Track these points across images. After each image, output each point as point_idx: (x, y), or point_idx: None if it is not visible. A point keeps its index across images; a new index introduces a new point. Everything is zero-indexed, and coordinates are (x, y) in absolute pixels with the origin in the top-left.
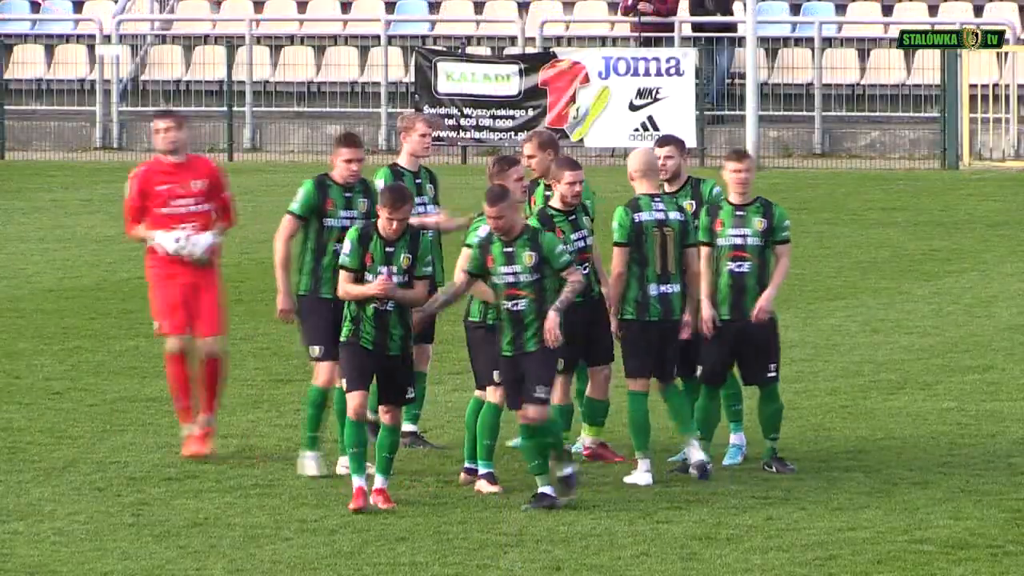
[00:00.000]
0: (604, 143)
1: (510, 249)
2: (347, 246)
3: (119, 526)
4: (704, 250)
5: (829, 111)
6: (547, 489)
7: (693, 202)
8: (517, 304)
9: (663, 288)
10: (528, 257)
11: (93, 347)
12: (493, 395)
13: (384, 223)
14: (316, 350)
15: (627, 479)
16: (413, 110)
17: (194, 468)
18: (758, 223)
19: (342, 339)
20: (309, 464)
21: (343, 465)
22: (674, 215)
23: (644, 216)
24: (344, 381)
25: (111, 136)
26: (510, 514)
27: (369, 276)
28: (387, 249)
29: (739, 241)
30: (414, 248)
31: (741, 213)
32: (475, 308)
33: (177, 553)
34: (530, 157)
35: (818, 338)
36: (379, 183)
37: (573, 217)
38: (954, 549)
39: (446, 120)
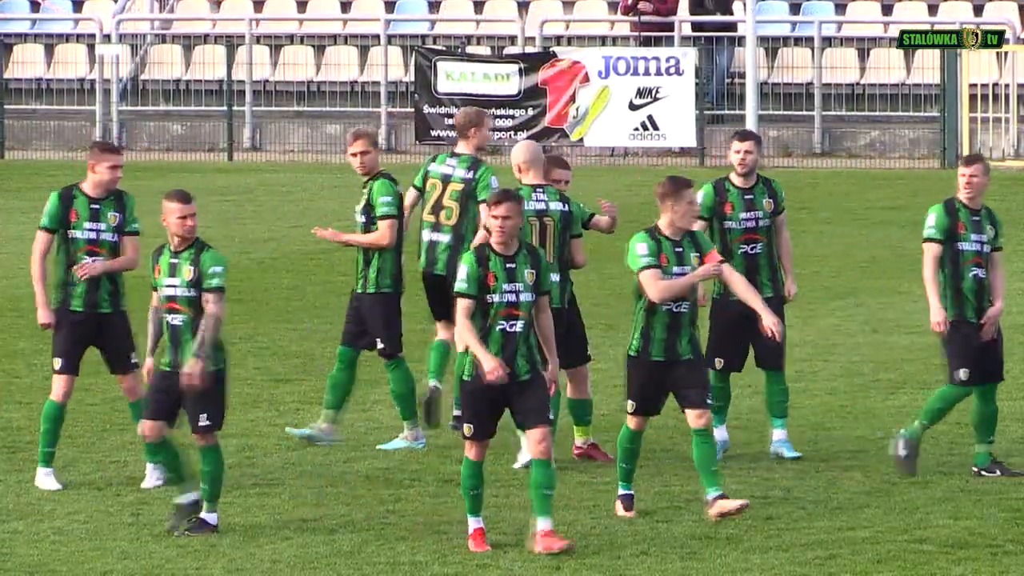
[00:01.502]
0: (604, 142)
1: (175, 261)
2: (462, 271)
3: (118, 525)
4: (934, 250)
5: (829, 111)
6: (210, 517)
7: (772, 200)
8: (175, 319)
9: None
10: (188, 271)
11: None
12: (629, 421)
13: (493, 226)
14: (57, 362)
15: (520, 460)
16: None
17: (193, 468)
18: (990, 229)
19: (465, 377)
20: (46, 480)
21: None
22: (555, 205)
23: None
24: (467, 427)
25: (111, 136)
26: (510, 514)
27: (494, 297)
28: (508, 266)
29: (977, 247)
30: (535, 262)
31: (976, 218)
32: (635, 341)
33: (176, 552)
34: (364, 154)
35: (818, 338)
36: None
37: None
38: (954, 548)
39: (445, 120)
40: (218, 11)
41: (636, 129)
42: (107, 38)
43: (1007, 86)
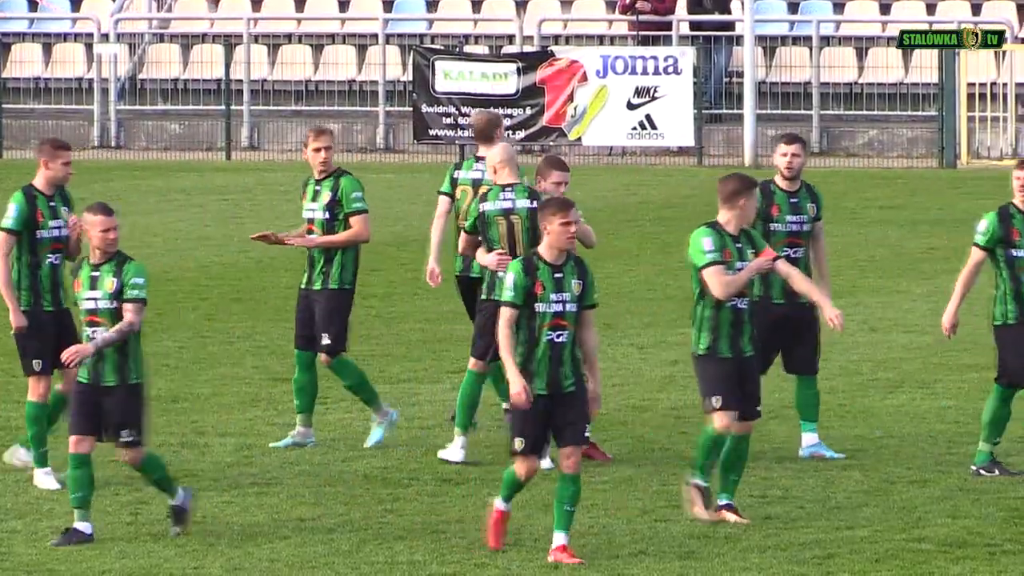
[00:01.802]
0: (602, 141)
1: (96, 274)
2: (509, 279)
3: (117, 524)
4: (977, 257)
5: (827, 110)
6: (82, 526)
7: (814, 205)
8: (96, 332)
9: None
10: (110, 283)
11: None
12: (716, 420)
13: (560, 233)
14: (38, 364)
15: (441, 453)
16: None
17: (192, 467)
18: None
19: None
20: (44, 479)
21: (17, 458)
22: (522, 203)
23: (488, 206)
24: (519, 441)
25: (109, 135)
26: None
27: (541, 306)
28: (556, 275)
29: None
30: (582, 273)
31: None
32: (704, 339)
33: (175, 552)
34: (328, 150)
35: None
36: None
37: None
38: (952, 548)
39: (443, 119)
40: (216, 10)
41: (634, 128)
42: (105, 37)
43: (1005, 85)
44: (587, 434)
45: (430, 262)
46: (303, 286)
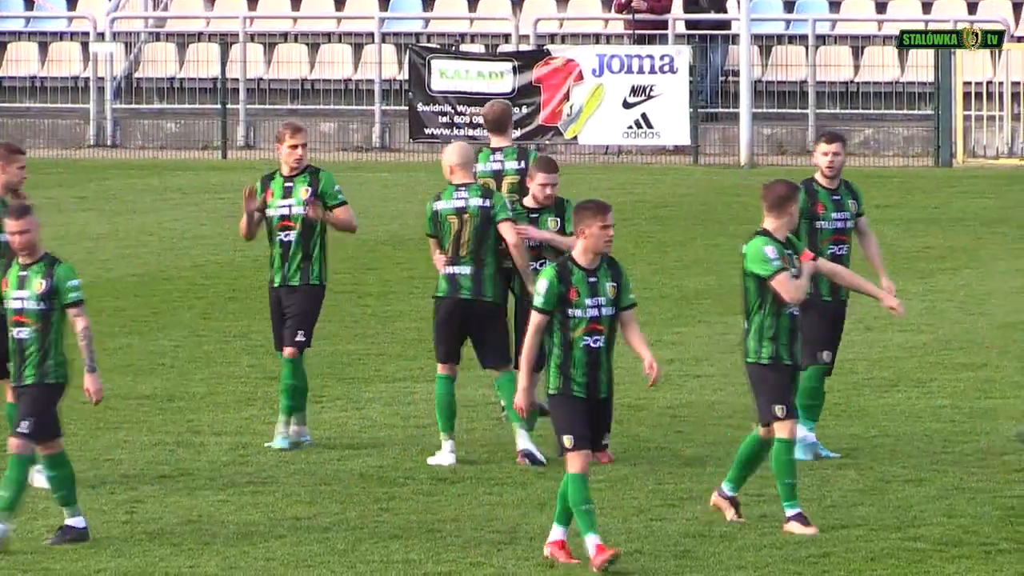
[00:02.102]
0: (598, 140)
1: (25, 274)
2: (541, 285)
3: (112, 523)
4: None
5: (823, 108)
6: (74, 521)
7: (855, 201)
8: (21, 331)
9: (451, 269)
10: (39, 284)
11: None
12: (782, 430)
13: (599, 237)
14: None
15: (431, 460)
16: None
17: (188, 466)
18: None
19: (551, 391)
20: (40, 478)
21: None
22: (475, 202)
23: (440, 205)
24: (567, 439)
25: (105, 134)
26: (503, 512)
27: (576, 311)
28: (590, 279)
29: None
30: (616, 275)
31: None
32: (765, 348)
33: (170, 551)
34: (304, 146)
35: None
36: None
37: (536, 216)
38: (947, 547)
39: (439, 118)
40: (212, 9)
41: (630, 127)
42: (101, 36)
43: (1001, 84)
44: (606, 440)
45: None
46: (276, 284)
